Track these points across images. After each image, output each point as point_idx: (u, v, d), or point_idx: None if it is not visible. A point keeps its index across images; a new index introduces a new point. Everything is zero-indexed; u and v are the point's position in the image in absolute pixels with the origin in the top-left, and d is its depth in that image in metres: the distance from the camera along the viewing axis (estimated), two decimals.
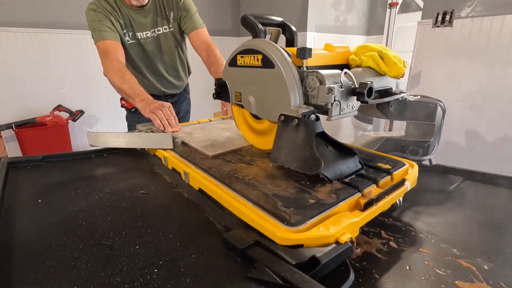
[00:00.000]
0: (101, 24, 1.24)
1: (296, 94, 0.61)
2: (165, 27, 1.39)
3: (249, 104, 0.74)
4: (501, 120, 1.85)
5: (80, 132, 2.80)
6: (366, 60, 0.67)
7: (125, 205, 0.67)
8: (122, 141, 0.93)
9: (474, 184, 0.81)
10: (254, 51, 0.67)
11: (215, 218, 0.61)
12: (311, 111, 0.60)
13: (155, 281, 0.45)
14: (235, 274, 0.46)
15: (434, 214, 0.67)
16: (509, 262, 0.52)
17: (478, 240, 0.58)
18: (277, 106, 0.64)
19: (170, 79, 1.52)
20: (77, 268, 0.48)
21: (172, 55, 1.48)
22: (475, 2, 1.81)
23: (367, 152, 0.77)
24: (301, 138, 0.60)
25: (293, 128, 0.61)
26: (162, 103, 1.06)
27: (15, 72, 2.46)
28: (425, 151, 0.84)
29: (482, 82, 1.89)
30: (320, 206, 0.51)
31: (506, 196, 0.67)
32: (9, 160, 0.86)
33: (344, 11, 3.23)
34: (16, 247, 0.53)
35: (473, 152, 2.01)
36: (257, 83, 0.70)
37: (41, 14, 2.47)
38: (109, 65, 1.21)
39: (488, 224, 0.64)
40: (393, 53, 0.67)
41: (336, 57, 0.69)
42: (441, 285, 0.46)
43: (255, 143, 0.85)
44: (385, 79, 0.69)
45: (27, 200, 0.70)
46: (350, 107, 0.61)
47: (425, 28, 2.05)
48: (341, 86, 0.58)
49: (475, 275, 0.48)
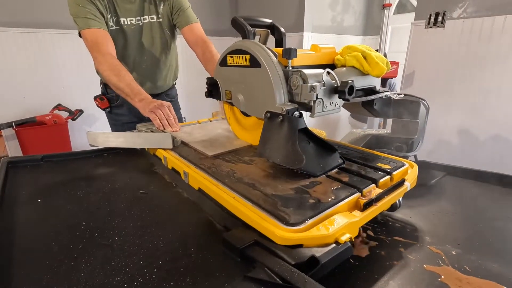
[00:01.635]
0: (85, 10, 1.13)
1: (281, 92, 0.64)
2: (152, 16, 1.28)
3: (238, 101, 0.77)
4: (495, 120, 1.88)
5: (80, 131, 2.81)
6: (350, 60, 0.69)
7: (125, 205, 0.67)
8: (122, 140, 0.93)
9: (454, 179, 0.85)
10: (243, 52, 0.70)
11: (215, 218, 0.60)
12: (294, 108, 0.62)
13: (154, 281, 0.44)
14: (234, 274, 0.46)
15: (412, 207, 0.69)
16: (476, 248, 0.55)
17: (450, 229, 0.62)
18: (264, 103, 0.67)
19: (147, 76, 1.38)
20: (76, 268, 0.47)
21: (155, 49, 1.35)
22: (466, 4, 1.84)
23: (368, 152, 0.77)
24: (284, 134, 0.63)
25: (277, 124, 0.64)
26: (162, 103, 1.03)
27: (15, 71, 2.46)
28: (409, 147, 0.87)
29: (474, 82, 1.91)
30: (320, 206, 0.51)
31: (483, 189, 0.70)
32: (9, 160, 0.85)
33: (340, 12, 3.23)
34: (16, 247, 0.53)
35: (466, 151, 2.04)
36: (246, 82, 0.73)
37: (41, 14, 2.46)
38: (102, 60, 1.14)
39: (462, 215, 0.68)
40: (376, 54, 0.70)
41: (321, 57, 0.72)
42: (410, 268, 0.50)
43: (245, 138, 0.88)
44: (368, 78, 0.71)
45: (27, 200, 0.69)
46: (333, 104, 0.64)
47: (418, 28, 2.09)
48: (324, 84, 0.61)
49: (443, 260, 0.52)
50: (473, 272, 0.49)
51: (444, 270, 0.49)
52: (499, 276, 0.48)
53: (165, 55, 1.41)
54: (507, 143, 1.87)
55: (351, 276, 0.48)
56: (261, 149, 0.67)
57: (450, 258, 0.52)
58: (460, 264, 0.51)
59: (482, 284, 0.46)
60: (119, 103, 1.40)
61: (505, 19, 1.72)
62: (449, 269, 0.49)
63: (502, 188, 0.79)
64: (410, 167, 0.68)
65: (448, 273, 0.48)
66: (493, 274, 0.48)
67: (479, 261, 0.52)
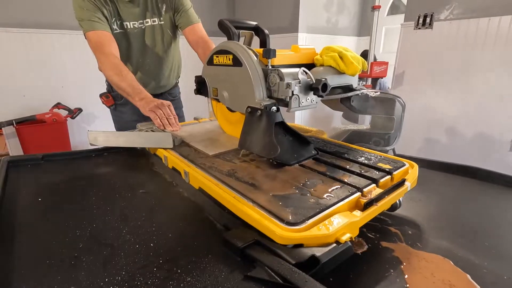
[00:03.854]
0: (90, 13, 1.16)
1: (260, 89, 0.69)
2: (154, 19, 1.30)
3: (223, 98, 0.81)
4: (479, 117, 1.95)
5: (79, 129, 2.83)
6: (328, 60, 0.74)
7: (125, 204, 0.66)
8: (122, 140, 0.92)
9: (427, 171, 0.90)
10: (227, 52, 0.75)
11: (215, 217, 0.60)
12: (272, 103, 0.67)
13: (154, 280, 0.44)
14: (235, 273, 0.45)
15: None
16: (432, 229, 0.61)
17: (412, 214, 0.67)
18: (245, 99, 0.72)
19: (151, 76, 1.42)
20: (77, 267, 0.47)
21: (158, 50, 1.37)
22: (453, 6, 1.91)
23: (368, 152, 0.77)
24: (262, 127, 0.68)
25: (257, 118, 0.69)
26: (162, 102, 1.03)
27: (16, 71, 2.48)
28: (386, 142, 0.90)
29: (460, 82, 1.97)
30: (320, 206, 0.51)
31: (451, 181, 0.74)
32: (9, 159, 0.84)
33: (335, 13, 3.24)
34: (16, 246, 0.52)
35: (452, 147, 2.11)
36: (229, 80, 0.77)
37: (41, 15, 2.49)
38: (105, 61, 1.15)
39: (426, 202, 0.73)
40: (351, 54, 0.74)
41: (301, 57, 0.76)
42: (368, 244, 0.55)
43: (231, 132, 0.94)
44: (345, 76, 0.76)
45: (27, 199, 0.68)
46: (309, 100, 0.69)
47: (408, 30, 2.15)
48: (299, 82, 0.65)
49: (399, 238, 0.58)
50: (423, 247, 0.55)
51: (398, 246, 0.55)
52: (446, 251, 0.54)
53: (167, 55, 1.42)
54: (487, 140, 1.95)
55: None
56: (242, 141, 0.73)
57: (406, 237, 0.58)
58: (414, 241, 0.57)
59: (427, 256, 0.52)
60: (124, 102, 1.42)
61: (489, 21, 1.78)
62: (403, 245, 0.55)
63: (463, 177, 0.86)
64: (411, 167, 0.68)
65: (400, 248, 0.54)
66: (442, 249, 0.54)
67: (431, 239, 0.57)
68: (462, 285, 0.45)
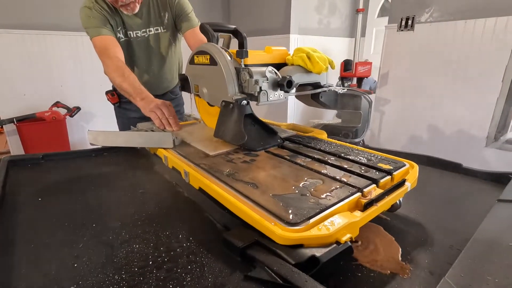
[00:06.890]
0: (96, 21, 1.20)
1: (233, 86, 0.76)
2: (156, 28, 1.35)
3: (203, 94, 0.88)
4: (457, 115, 2.03)
5: (77, 127, 2.87)
6: (297, 59, 0.81)
7: (125, 204, 0.67)
8: (122, 140, 0.92)
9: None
10: (205, 52, 0.81)
11: (215, 217, 0.59)
12: (242, 97, 0.74)
13: (154, 280, 0.44)
14: (235, 273, 0.45)
15: None
16: (402, 215, 0.66)
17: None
18: (221, 94, 0.79)
19: (155, 79, 1.47)
20: (77, 266, 0.46)
21: (161, 56, 1.42)
22: (432, 9, 1.98)
23: (368, 152, 0.77)
24: (234, 118, 0.76)
25: (230, 110, 0.77)
26: (163, 102, 1.02)
27: (16, 71, 2.51)
28: (354, 134, 0.95)
29: (439, 81, 2.04)
30: (320, 206, 0.50)
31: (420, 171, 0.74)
32: (9, 159, 0.83)
33: (327, 14, 3.26)
34: (16, 245, 0.51)
35: (432, 144, 2.19)
36: (208, 77, 0.84)
37: (41, 17, 2.51)
38: (109, 64, 1.18)
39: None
40: (318, 55, 0.81)
41: (273, 57, 0.83)
42: None
43: (211, 124, 1.00)
44: (312, 75, 0.83)
45: (27, 198, 0.68)
46: (277, 96, 0.76)
47: (391, 31, 2.21)
48: (267, 79, 0.73)
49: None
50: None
51: (372, 226, 0.60)
52: (384, 223, 0.61)
53: (170, 58, 1.48)
54: (465, 137, 2.03)
55: None
56: (217, 130, 0.82)
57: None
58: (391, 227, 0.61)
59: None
60: (128, 100, 1.44)
61: (465, 24, 1.86)
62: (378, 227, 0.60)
63: (430, 167, 0.91)
64: (411, 168, 0.68)
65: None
66: (382, 222, 0.61)
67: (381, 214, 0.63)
68: None
